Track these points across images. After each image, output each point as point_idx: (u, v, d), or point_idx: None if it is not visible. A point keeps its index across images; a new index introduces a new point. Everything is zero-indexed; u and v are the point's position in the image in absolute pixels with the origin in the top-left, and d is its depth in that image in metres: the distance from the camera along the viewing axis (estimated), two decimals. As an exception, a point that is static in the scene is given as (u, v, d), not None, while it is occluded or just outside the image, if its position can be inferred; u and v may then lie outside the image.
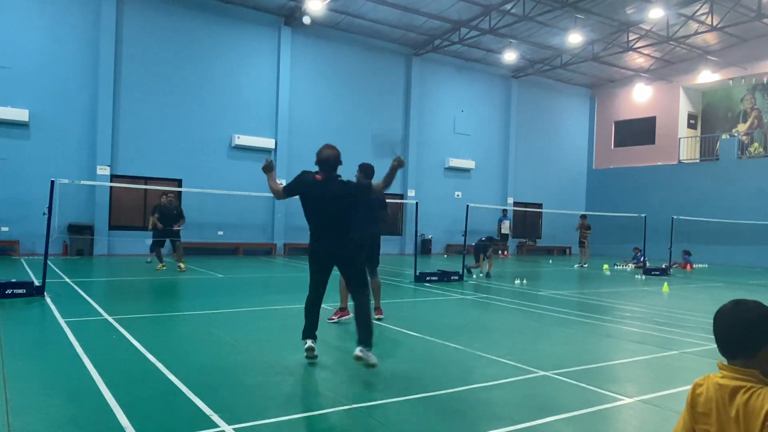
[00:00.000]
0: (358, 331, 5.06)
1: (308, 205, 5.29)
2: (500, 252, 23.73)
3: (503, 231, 23.85)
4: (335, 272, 5.54)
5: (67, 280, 11.01)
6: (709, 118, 26.86)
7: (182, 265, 13.40)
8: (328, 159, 5.20)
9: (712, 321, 2.01)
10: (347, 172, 7.71)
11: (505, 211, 23.92)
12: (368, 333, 5.04)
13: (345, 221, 5.28)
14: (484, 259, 14.65)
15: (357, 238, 5.63)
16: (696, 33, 21.86)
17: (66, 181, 10.48)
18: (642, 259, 20.00)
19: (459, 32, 21.93)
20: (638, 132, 27.89)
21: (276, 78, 20.31)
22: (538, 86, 27.55)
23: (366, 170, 7.35)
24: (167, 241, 13.85)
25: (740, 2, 19.61)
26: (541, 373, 5.26)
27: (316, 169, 5.31)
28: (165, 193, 14.21)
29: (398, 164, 5.22)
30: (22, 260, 14.67)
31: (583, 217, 20.09)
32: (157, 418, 3.82)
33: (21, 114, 16.03)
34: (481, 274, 14.66)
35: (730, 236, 22.74)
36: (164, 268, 13.45)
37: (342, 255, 5.31)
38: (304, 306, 5.41)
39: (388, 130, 22.93)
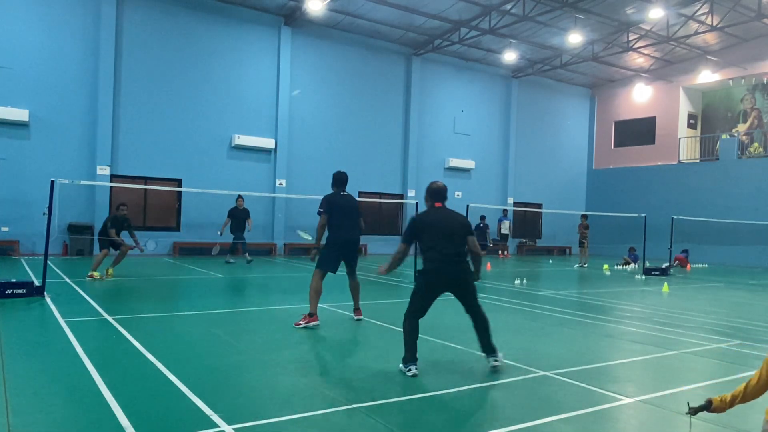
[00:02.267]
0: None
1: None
2: (500, 252, 23.76)
3: (503, 231, 23.87)
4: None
5: (67, 280, 11.01)
6: (709, 118, 26.85)
7: (110, 270, 11.98)
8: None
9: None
10: (348, 174, 7.75)
11: (505, 211, 23.92)
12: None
13: None
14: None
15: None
16: (696, 33, 21.85)
17: (66, 181, 10.45)
18: (633, 257, 20.02)
19: (459, 32, 21.92)
20: (638, 132, 27.88)
21: (276, 78, 20.30)
22: (538, 86, 27.54)
23: (335, 179, 7.36)
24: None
25: (740, 2, 19.60)
26: (541, 373, 5.26)
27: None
28: (122, 204, 12.79)
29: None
30: (22, 260, 14.67)
31: (584, 217, 20.10)
32: (157, 418, 3.82)
33: (21, 114, 16.02)
34: None
35: (730, 236, 22.72)
36: (103, 277, 11.55)
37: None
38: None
39: (384, 134, 22.93)
